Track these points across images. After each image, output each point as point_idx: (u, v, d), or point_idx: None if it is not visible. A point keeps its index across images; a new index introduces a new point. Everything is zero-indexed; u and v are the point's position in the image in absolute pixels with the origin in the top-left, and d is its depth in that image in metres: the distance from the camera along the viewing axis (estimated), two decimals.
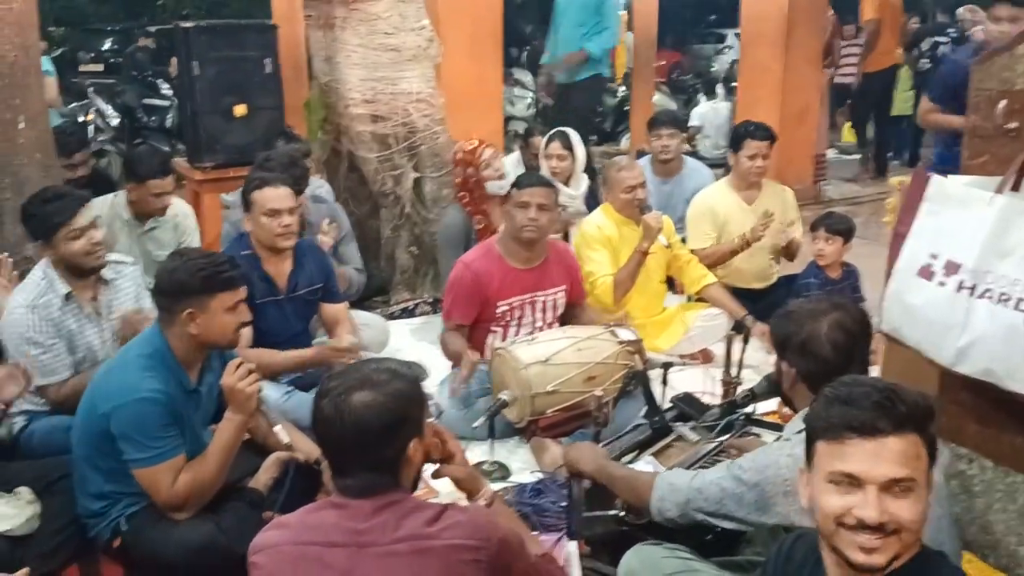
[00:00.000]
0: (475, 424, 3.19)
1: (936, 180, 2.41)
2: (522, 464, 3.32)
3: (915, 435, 1.51)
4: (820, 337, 2.15)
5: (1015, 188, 2.27)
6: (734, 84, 9.43)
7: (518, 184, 3.61)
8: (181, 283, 2.51)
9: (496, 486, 3.15)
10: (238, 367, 2.53)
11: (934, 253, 2.36)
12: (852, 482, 1.51)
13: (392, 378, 1.82)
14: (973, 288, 2.27)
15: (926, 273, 2.37)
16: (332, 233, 4.14)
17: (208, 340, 2.56)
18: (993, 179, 2.33)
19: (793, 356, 2.19)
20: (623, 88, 11.11)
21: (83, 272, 3.09)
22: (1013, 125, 2.33)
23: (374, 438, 1.75)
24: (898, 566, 1.52)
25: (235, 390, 2.51)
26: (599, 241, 4.19)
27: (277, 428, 2.60)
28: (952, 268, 2.32)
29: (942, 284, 2.33)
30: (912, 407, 1.52)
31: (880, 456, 1.49)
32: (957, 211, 2.34)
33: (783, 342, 2.22)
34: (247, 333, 3.25)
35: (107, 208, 4.13)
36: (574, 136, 4.95)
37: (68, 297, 3.05)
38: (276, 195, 3.40)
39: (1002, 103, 2.35)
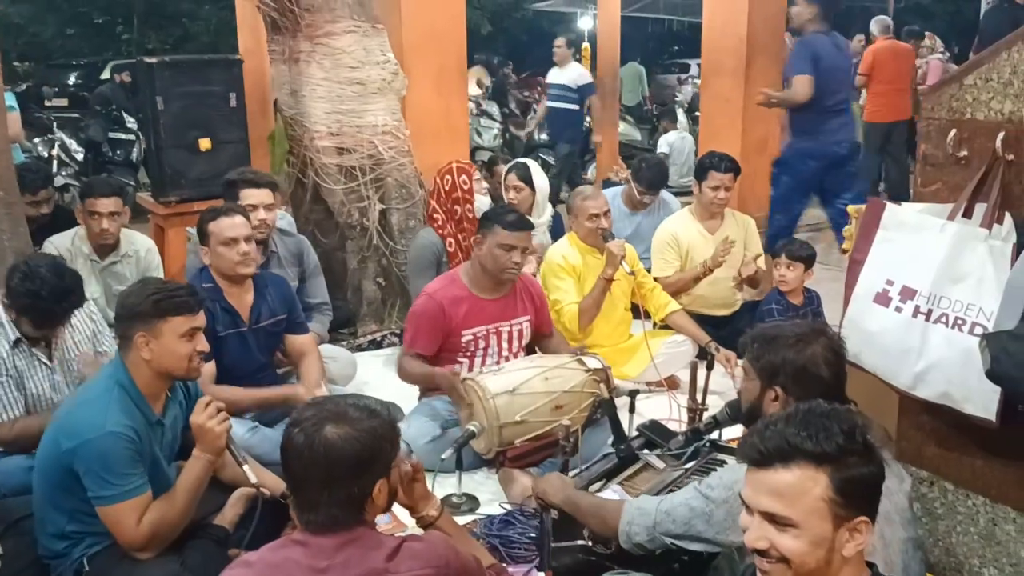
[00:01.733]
0: (443, 455, 3.17)
1: (890, 208, 2.47)
2: (491, 496, 3.30)
3: (807, 468, 1.50)
4: (819, 360, 2.14)
5: (966, 215, 2.33)
6: (698, 113, 9.55)
7: (505, 225, 3.56)
8: (133, 306, 2.50)
9: (465, 518, 3.14)
10: (207, 405, 2.50)
11: (890, 279, 2.41)
12: (747, 507, 1.57)
13: (367, 416, 1.81)
14: (929, 313, 2.32)
15: (883, 299, 2.41)
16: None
17: (162, 367, 2.51)
18: (945, 206, 2.39)
19: (789, 382, 2.15)
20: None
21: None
22: (963, 153, 2.39)
23: (342, 472, 1.74)
24: None
25: (205, 429, 2.48)
26: (564, 270, 4.22)
27: (245, 467, 2.57)
28: (908, 294, 2.37)
29: (898, 310, 2.38)
30: (800, 443, 1.51)
31: (759, 488, 1.54)
32: (911, 238, 2.39)
33: (775, 368, 2.18)
34: (210, 368, 3.23)
35: (68, 243, 4.12)
36: (533, 166, 5.01)
37: (17, 342, 3.01)
38: (231, 224, 3.41)
39: (952, 132, 2.41)
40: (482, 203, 4.49)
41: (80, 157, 8.84)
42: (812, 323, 2.38)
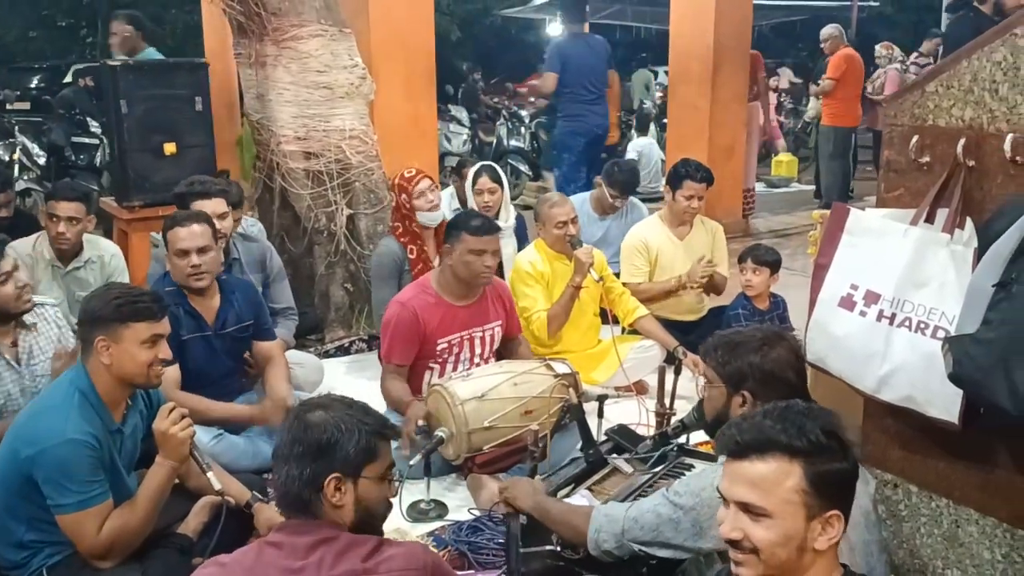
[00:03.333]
0: (411, 462, 3.16)
1: (855, 213, 2.50)
2: (459, 502, 3.29)
3: (782, 460, 1.54)
4: (784, 363, 2.18)
5: (929, 220, 2.36)
6: (666, 120, 9.60)
7: (471, 231, 3.53)
8: (95, 311, 2.47)
9: (433, 525, 3.13)
10: (171, 412, 2.47)
11: (854, 284, 2.43)
12: (724, 499, 1.60)
13: (353, 413, 1.86)
14: (892, 317, 2.35)
15: (847, 303, 2.44)
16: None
17: (122, 374, 2.47)
18: (908, 211, 2.41)
19: (756, 386, 2.19)
20: None
21: (7, 317, 3.01)
22: (925, 159, 2.42)
23: (301, 451, 1.81)
24: None
25: (168, 435, 2.45)
26: (532, 277, 4.22)
27: (209, 474, 2.54)
28: (872, 298, 2.39)
29: (863, 314, 2.40)
30: (775, 436, 1.54)
31: (735, 478, 1.57)
32: (875, 243, 2.42)
33: (743, 374, 2.20)
34: (174, 373, 3.19)
35: (29, 248, 4.06)
36: (499, 169, 5.02)
37: None
38: (188, 234, 3.33)
39: (914, 138, 2.44)
40: (426, 218, 4.45)
41: (42, 161, 8.70)
42: (771, 327, 2.41)
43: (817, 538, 1.54)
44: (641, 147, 10.02)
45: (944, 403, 2.26)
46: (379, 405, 3.65)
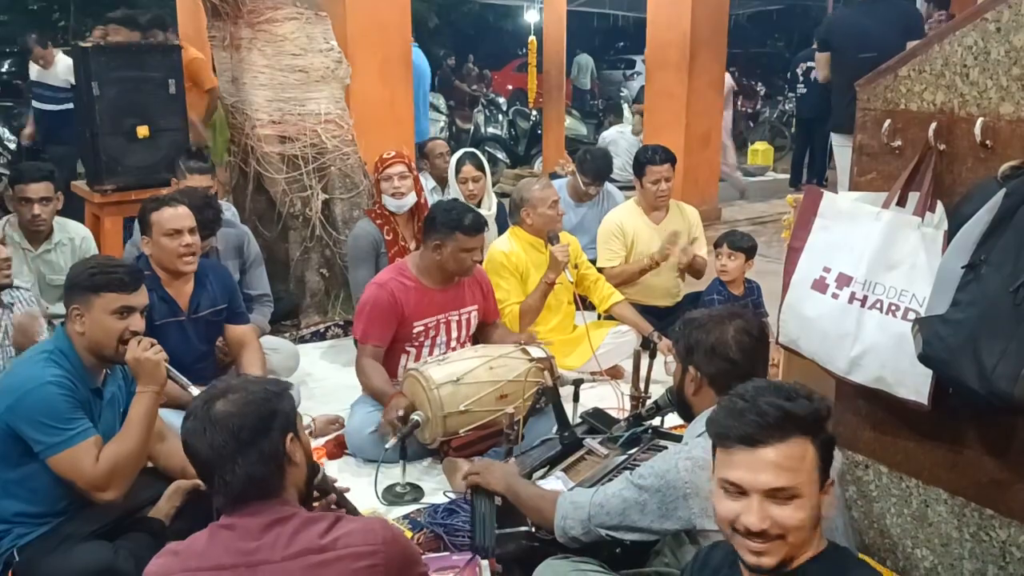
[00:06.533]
0: (387, 446, 3.15)
1: (828, 196, 2.52)
2: (435, 485, 3.29)
3: (800, 438, 1.54)
4: (728, 340, 2.21)
5: (900, 203, 2.38)
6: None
7: (465, 230, 3.52)
8: (72, 278, 2.52)
9: (408, 508, 3.13)
10: (139, 343, 2.51)
11: (827, 266, 2.46)
12: (739, 490, 1.55)
13: (251, 383, 1.86)
14: (864, 299, 2.37)
15: (820, 286, 2.46)
16: None
17: (93, 343, 2.50)
18: (880, 195, 2.44)
19: (701, 360, 2.23)
20: (535, 112, 11.26)
21: None
22: (897, 143, 2.44)
23: (247, 435, 1.74)
24: (802, 562, 1.57)
25: (141, 361, 2.49)
26: (507, 268, 4.20)
27: (191, 388, 2.63)
28: (844, 280, 2.41)
29: (835, 296, 2.43)
30: (797, 411, 1.55)
31: (759, 467, 1.53)
32: (847, 226, 2.44)
33: (690, 347, 2.26)
34: None
35: None
36: (482, 156, 5.02)
37: None
38: (176, 215, 3.32)
39: (887, 122, 2.46)
40: (390, 203, 4.45)
41: (13, 146, 8.61)
42: (732, 307, 2.43)
43: (823, 508, 1.57)
44: (611, 137, 9.85)
45: (914, 384, 2.28)
46: (355, 390, 3.68)
